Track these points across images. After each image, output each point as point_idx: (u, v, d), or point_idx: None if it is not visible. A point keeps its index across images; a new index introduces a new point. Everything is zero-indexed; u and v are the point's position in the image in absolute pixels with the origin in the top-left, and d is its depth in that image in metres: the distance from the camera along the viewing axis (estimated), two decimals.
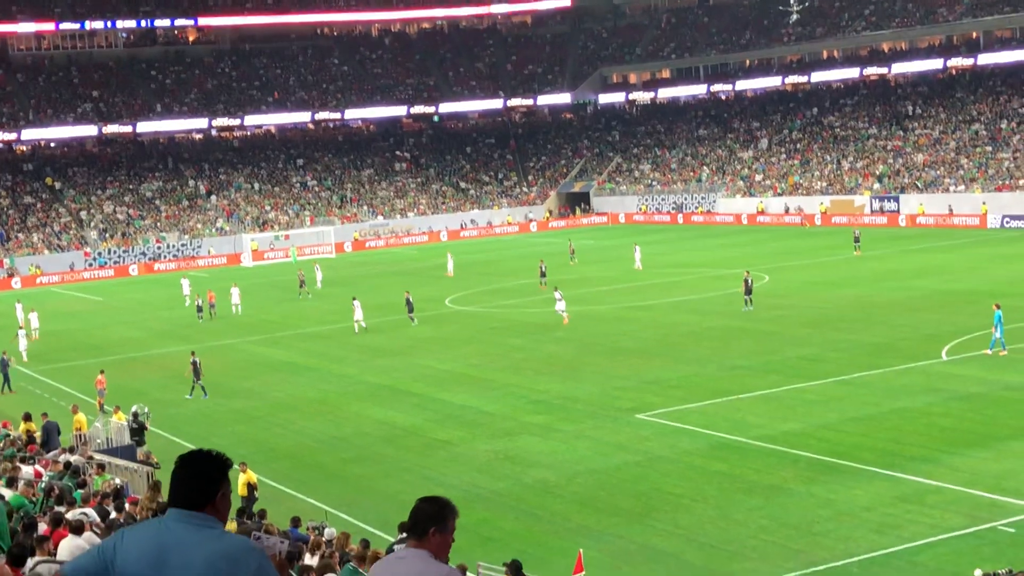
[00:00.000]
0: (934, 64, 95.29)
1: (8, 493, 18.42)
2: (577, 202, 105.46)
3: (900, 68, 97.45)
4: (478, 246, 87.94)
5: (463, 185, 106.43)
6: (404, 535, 5.64)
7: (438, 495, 5.79)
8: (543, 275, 60.53)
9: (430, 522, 5.58)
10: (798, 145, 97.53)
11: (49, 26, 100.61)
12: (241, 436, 34.16)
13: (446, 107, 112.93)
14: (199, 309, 57.75)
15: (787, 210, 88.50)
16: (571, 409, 34.11)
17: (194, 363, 40.11)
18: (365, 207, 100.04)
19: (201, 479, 4.84)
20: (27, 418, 30.97)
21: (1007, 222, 74.79)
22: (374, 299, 59.22)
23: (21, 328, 52.63)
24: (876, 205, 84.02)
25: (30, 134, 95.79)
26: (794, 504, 24.20)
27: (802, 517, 23.37)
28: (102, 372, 40.57)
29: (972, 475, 25.28)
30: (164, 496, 22.06)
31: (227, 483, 4.89)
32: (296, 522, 21.14)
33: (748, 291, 49.15)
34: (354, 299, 50.87)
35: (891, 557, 21.08)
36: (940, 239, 70.84)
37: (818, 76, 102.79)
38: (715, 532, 22.89)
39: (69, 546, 13.78)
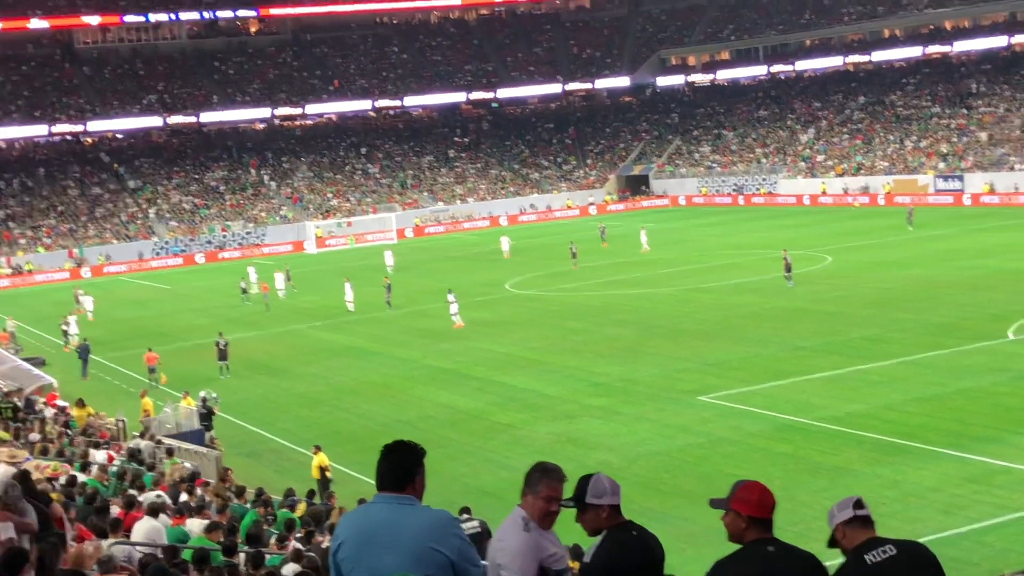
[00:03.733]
0: (998, 41, 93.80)
1: (82, 477, 18.85)
2: (637, 185, 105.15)
3: (963, 46, 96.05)
4: (538, 230, 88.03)
5: (522, 170, 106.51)
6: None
7: (547, 462, 6.08)
8: (574, 256, 62.44)
9: (525, 485, 6.03)
10: (860, 125, 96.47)
11: (114, 19, 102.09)
12: (306, 420, 34.59)
13: (505, 92, 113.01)
14: (244, 291, 59.18)
15: (847, 191, 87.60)
16: (632, 392, 34.13)
17: (218, 344, 41.79)
18: (425, 193, 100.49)
19: (401, 465, 5.58)
20: (80, 404, 31.61)
21: None
22: (433, 283, 59.59)
23: (74, 314, 53.67)
24: (940, 184, 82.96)
25: (96, 126, 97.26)
26: (860, 485, 24.06)
27: (868, 498, 23.01)
28: (150, 349, 41.54)
29: None
30: (235, 481, 22.44)
31: (422, 468, 5.62)
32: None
33: (788, 269, 49.75)
34: (346, 280, 54.07)
35: (959, 538, 20.94)
36: (1005, 218, 69.79)
37: (879, 55, 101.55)
38: (780, 514, 22.64)
39: (145, 528, 14.10)
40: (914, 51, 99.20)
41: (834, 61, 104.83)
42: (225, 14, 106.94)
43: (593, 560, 5.71)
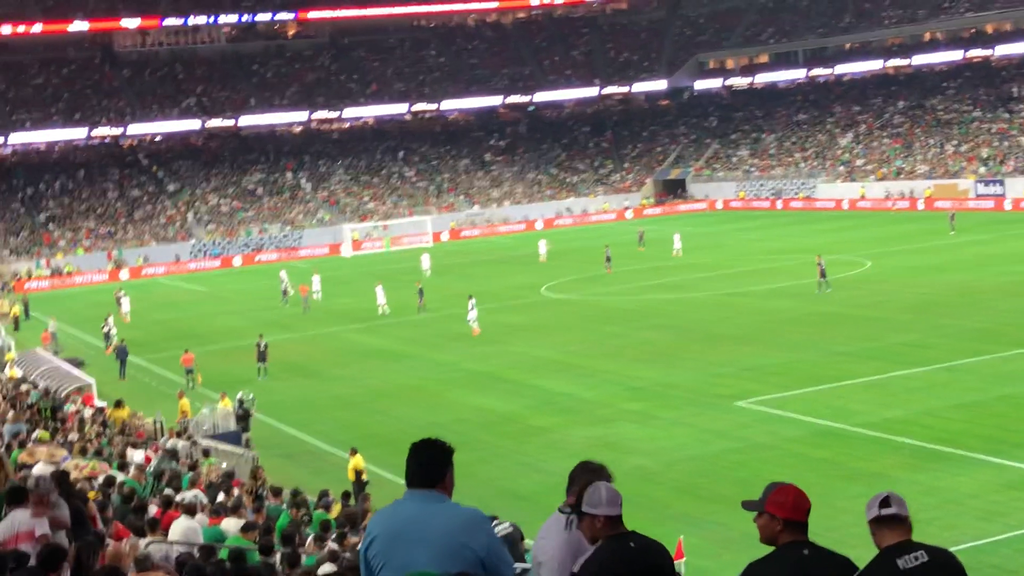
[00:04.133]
0: None
1: (120, 476, 18.96)
2: (674, 189, 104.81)
3: (1004, 50, 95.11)
4: (574, 234, 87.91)
5: (558, 174, 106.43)
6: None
7: (593, 460, 6.18)
8: (608, 260, 62.42)
9: (569, 484, 6.13)
10: (900, 129, 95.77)
11: (153, 22, 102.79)
12: (342, 422, 34.68)
13: (541, 96, 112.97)
14: (284, 293, 59.63)
15: (888, 195, 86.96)
16: (669, 396, 34.01)
17: (258, 345, 42.09)
18: (461, 197, 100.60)
19: (431, 463, 5.65)
20: (119, 404, 31.80)
21: None
22: (468, 287, 59.60)
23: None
24: (981, 189, 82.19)
25: (136, 129, 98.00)
26: (898, 491, 23.84)
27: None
28: (187, 351, 41.81)
29: None
30: (268, 480, 22.49)
31: (452, 466, 5.68)
32: None
33: (823, 275, 49.58)
34: (378, 284, 54.85)
35: (998, 545, 20.72)
36: None
37: (920, 59, 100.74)
38: (817, 519, 22.45)
39: (182, 527, 14.16)
40: (955, 55, 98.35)
41: (874, 65, 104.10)
42: (263, 17, 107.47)
43: (580, 570, 5.64)
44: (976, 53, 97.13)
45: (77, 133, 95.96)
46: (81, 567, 8.48)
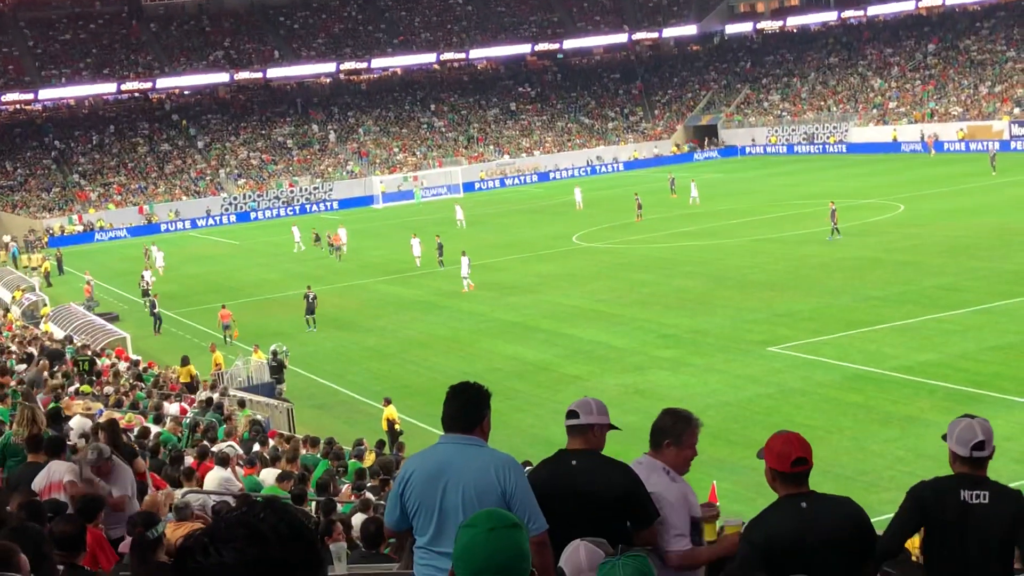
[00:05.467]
0: None
1: (155, 428, 19.14)
2: (705, 135, 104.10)
3: None
4: (604, 182, 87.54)
5: (588, 122, 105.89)
6: None
7: (680, 408, 6.13)
8: (639, 207, 61.84)
9: (663, 435, 6.09)
10: (933, 71, 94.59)
11: None
12: (376, 373, 34.84)
13: (570, 43, 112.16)
14: (331, 246, 59.64)
15: (924, 136, 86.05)
16: (701, 343, 33.94)
17: (307, 296, 42.22)
18: (491, 146, 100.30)
19: (468, 407, 5.67)
20: (185, 362, 32.11)
21: None
22: (499, 238, 59.63)
23: (147, 269, 54.41)
24: (1015, 130, 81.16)
25: (164, 83, 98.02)
26: (931, 435, 23.71)
27: (940, 448, 22.67)
28: (224, 306, 42.00)
29: None
30: (299, 432, 22.63)
31: (489, 410, 5.72)
32: None
33: (835, 221, 49.24)
34: (414, 236, 54.29)
35: None
36: None
37: None
38: (851, 463, 22.67)
39: (216, 477, 14.30)
40: None
41: (906, 5, 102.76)
42: None
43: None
44: None
45: (106, 88, 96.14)
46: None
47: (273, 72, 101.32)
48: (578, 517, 5.67)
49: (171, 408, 23.59)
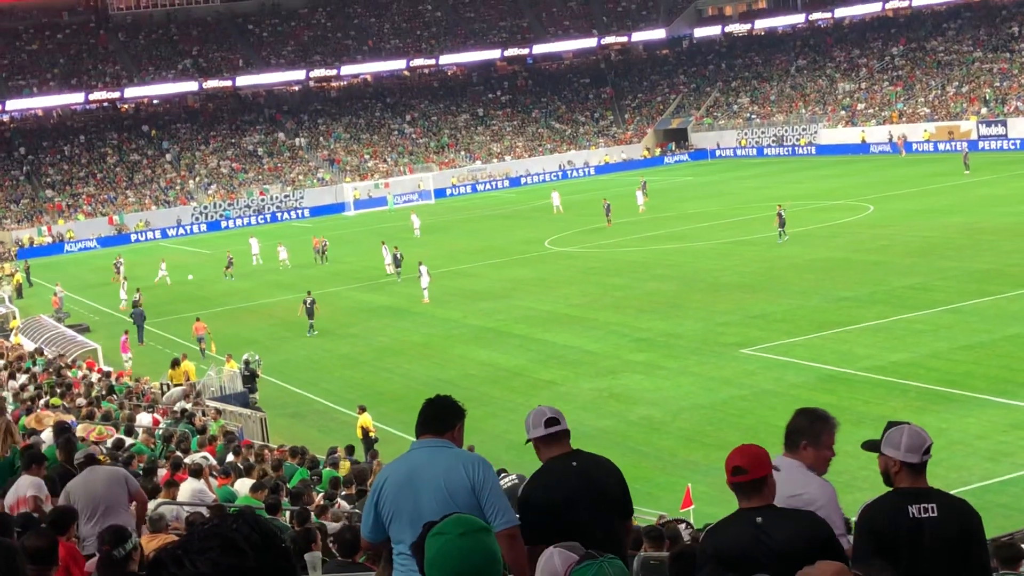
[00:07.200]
0: None
1: (128, 440, 19.01)
2: (675, 139, 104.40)
3: None
4: (576, 186, 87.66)
5: (559, 127, 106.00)
6: None
7: (815, 407, 6.06)
8: (608, 212, 61.68)
9: (799, 435, 5.96)
10: (901, 72, 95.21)
11: None
12: (349, 380, 34.78)
13: (540, 48, 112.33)
14: (318, 252, 59.91)
15: (891, 138, 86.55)
16: (674, 346, 34.03)
17: (305, 302, 42.36)
18: (462, 152, 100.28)
19: (441, 412, 5.88)
20: (175, 364, 31.96)
21: None
22: (471, 243, 59.64)
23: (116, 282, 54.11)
24: (983, 130, 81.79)
25: (133, 92, 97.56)
26: None
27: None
28: (199, 319, 41.81)
29: None
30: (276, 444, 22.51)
31: (461, 421, 5.94)
32: None
33: (782, 224, 49.55)
34: (383, 244, 54.00)
35: (1006, 484, 20.79)
36: None
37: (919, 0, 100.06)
38: None
39: (190, 489, 14.21)
40: None
41: (873, 7, 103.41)
42: None
43: (521, 494, 6.06)
44: None
45: (74, 98, 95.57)
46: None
47: (242, 80, 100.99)
48: None
49: (144, 419, 23.44)
